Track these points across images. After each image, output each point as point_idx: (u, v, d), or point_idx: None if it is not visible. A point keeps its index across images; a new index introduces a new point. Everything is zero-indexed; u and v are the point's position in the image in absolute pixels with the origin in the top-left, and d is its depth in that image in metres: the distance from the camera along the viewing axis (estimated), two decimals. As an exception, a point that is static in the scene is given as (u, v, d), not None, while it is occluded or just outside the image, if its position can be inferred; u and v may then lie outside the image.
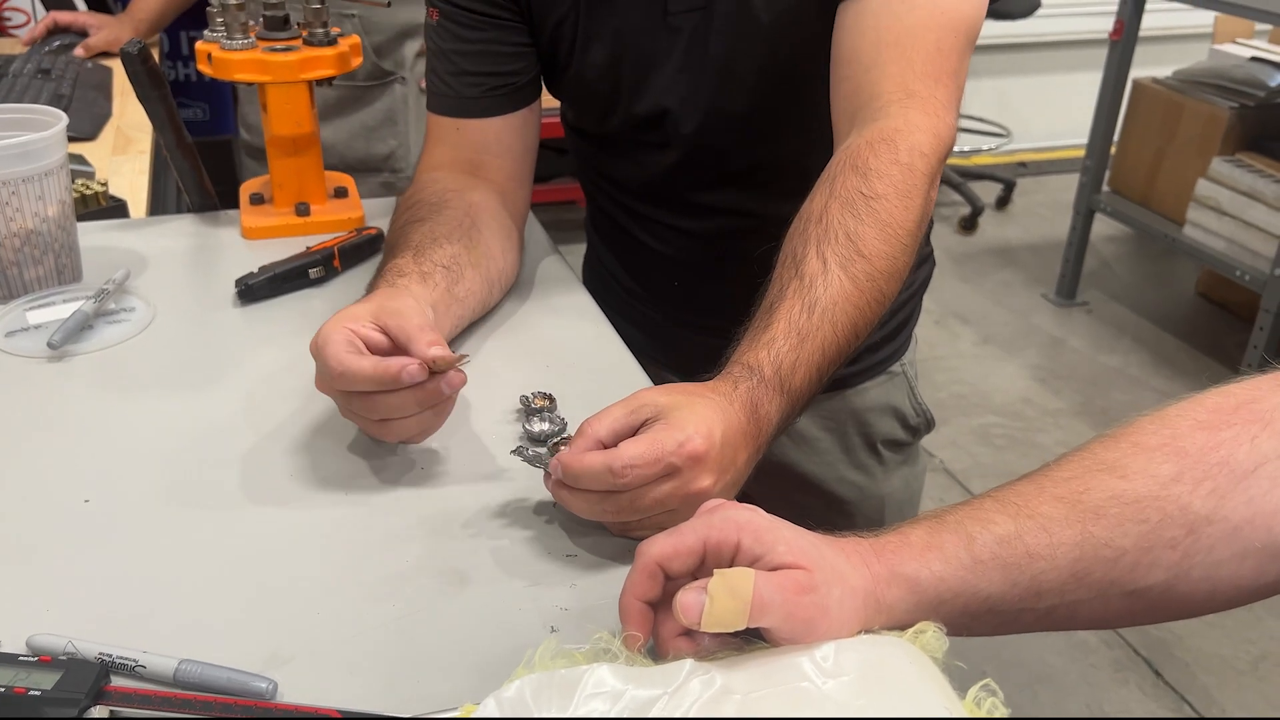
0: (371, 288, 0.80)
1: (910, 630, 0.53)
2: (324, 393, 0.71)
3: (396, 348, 0.69)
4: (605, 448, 0.62)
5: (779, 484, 1.08)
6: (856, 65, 0.80)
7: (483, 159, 0.95)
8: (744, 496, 0.65)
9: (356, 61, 1.04)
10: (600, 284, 1.09)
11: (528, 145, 0.98)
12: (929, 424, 1.14)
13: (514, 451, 0.68)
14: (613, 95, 0.94)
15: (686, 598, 0.50)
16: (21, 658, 0.55)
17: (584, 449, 0.62)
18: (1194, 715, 1.79)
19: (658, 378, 0.84)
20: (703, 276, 1.03)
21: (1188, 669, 1.88)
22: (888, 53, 0.78)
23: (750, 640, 0.53)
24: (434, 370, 0.66)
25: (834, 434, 1.08)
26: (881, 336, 1.06)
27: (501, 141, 0.95)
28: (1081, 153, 3.02)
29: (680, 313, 1.07)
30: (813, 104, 0.86)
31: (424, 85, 1.73)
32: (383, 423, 0.69)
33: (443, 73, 0.94)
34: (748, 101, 0.91)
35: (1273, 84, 2.75)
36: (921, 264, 1.08)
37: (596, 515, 0.63)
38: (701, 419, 0.62)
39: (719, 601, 0.50)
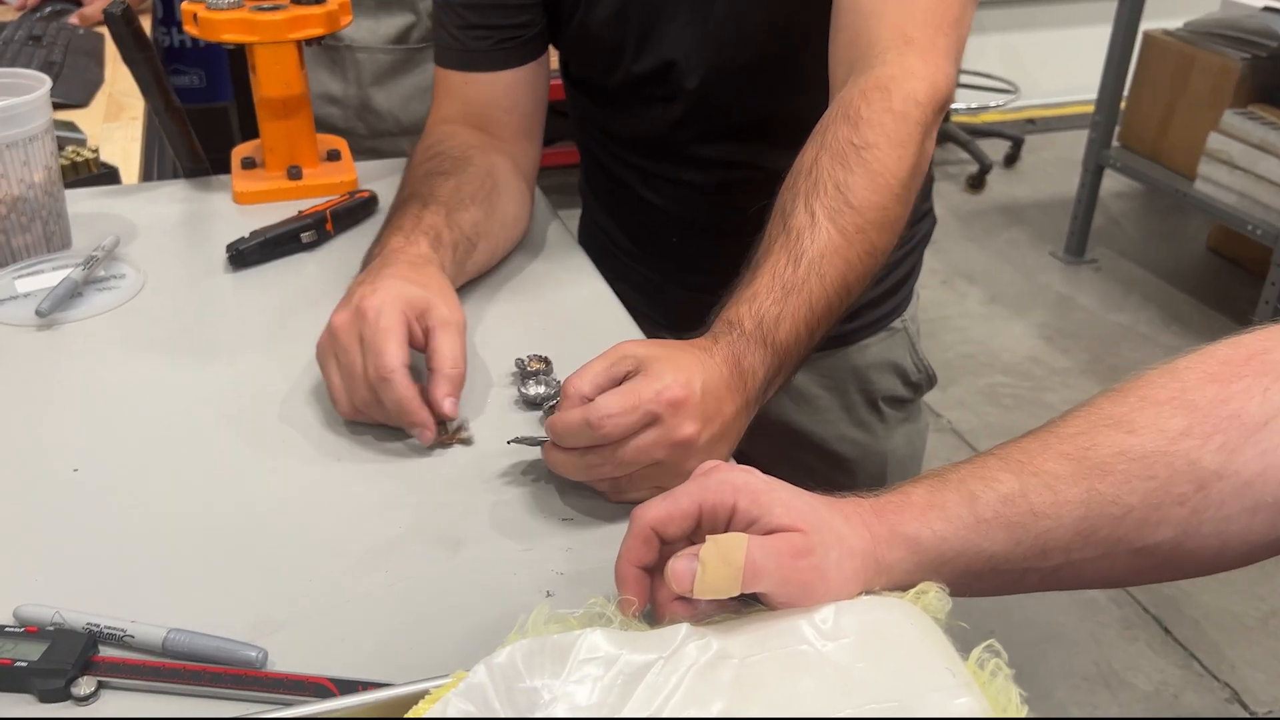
0: (390, 229, 0.81)
1: (912, 591, 0.52)
2: (332, 346, 0.70)
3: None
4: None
5: (780, 442, 1.07)
6: (855, 13, 0.78)
7: (491, 114, 0.94)
8: (744, 456, 0.64)
9: (346, 20, 1.02)
10: (596, 246, 1.07)
11: (537, 100, 0.96)
12: (930, 380, 1.12)
13: (511, 441, 0.68)
14: (618, 48, 0.92)
15: (678, 565, 0.49)
16: (8, 628, 0.54)
17: (569, 408, 0.61)
18: (1203, 672, 1.78)
19: (655, 338, 0.83)
20: (702, 232, 1.01)
21: (1197, 626, 1.87)
22: (887, 0, 0.76)
23: (749, 604, 0.52)
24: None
25: (834, 392, 1.07)
26: (881, 292, 1.04)
27: (510, 96, 0.94)
28: (1091, 108, 2.97)
29: (679, 271, 1.05)
30: (818, 59, 0.84)
31: None
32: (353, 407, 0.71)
33: (450, 26, 0.93)
34: (753, 56, 0.89)
35: (1286, 34, 2.70)
36: (921, 219, 1.06)
37: (583, 474, 0.63)
38: (679, 368, 0.61)
39: (711, 568, 0.48)
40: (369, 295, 0.70)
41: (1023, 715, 0.47)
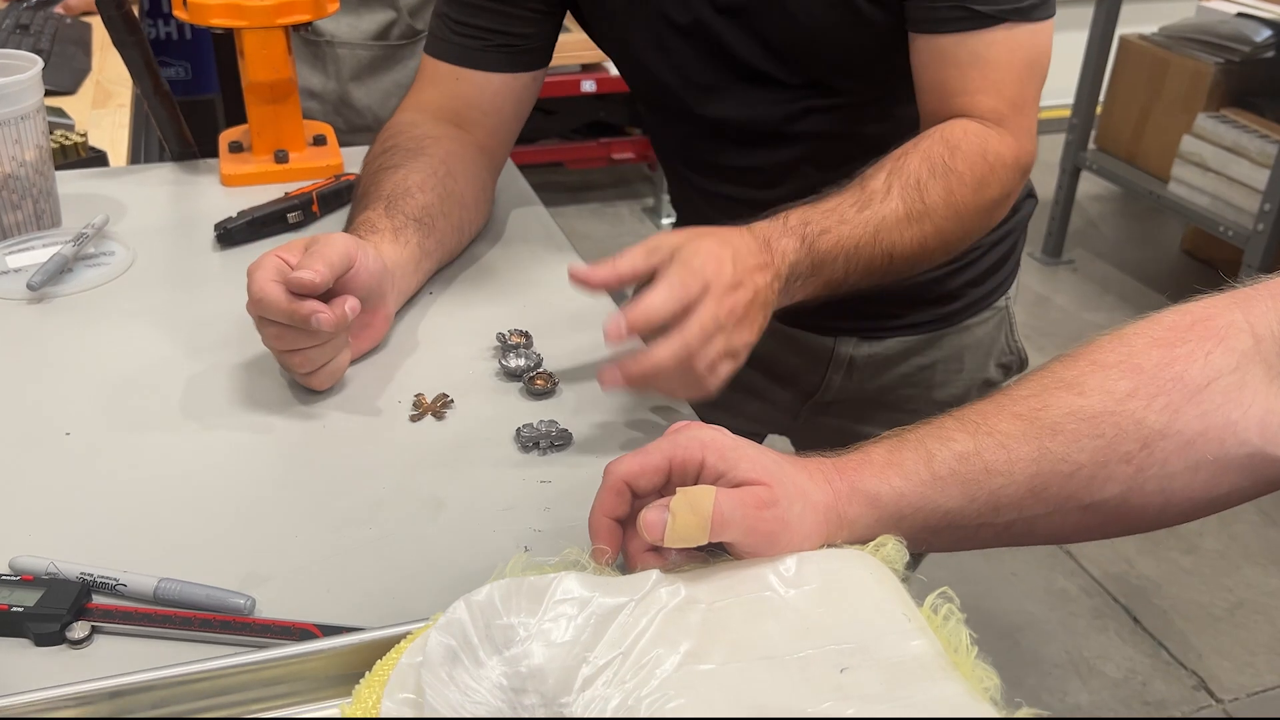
0: None
1: (871, 543, 0.55)
2: (249, 314, 0.71)
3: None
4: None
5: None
6: (944, 91, 0.82)
7: (470, 114, 0.94)
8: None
9: (333, 7, 1.04)
10: None
11: (519, 110, 0.97)
12: (1022, 364, 1.10)
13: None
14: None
15: (650, 515, 0.52)
16: (4, 577, 0.56)
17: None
18: (1171, 660, 1.82)
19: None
20: None
21: (1165, 615, 1.91)
22: (976, 83, 0.81)
23: (716, 555, 0.54)
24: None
25: (919, 386, 1.05)
26: (985, 269, 1.02)
27: (494, 101, 0.94)
28: (1068, 113, 3.01)
29: None
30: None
31: None
32: (287, 354, 0.72)
33: (451, 20, 0.92)
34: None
35: (1258, 39, 2.75)
36: (1024, 199, 1.06)
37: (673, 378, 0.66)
38: (707, 250, 0.66)
39: (680, 518, 0.51)
40: None
41: (973, 655, 0.49)
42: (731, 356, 0.67)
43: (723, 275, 0.66)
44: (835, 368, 1.04)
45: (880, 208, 0.74)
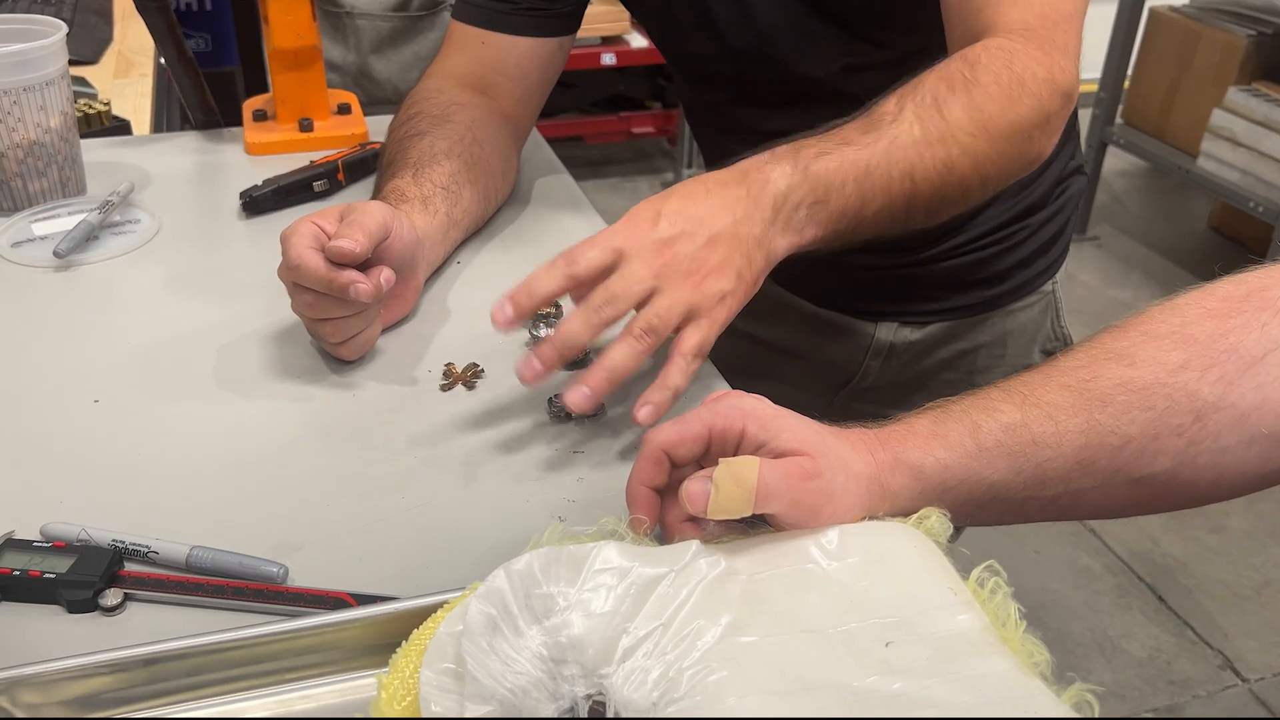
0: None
1: (914, 516, 0.54)
2: (282, 280, 0.70)
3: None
4: None
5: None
6: (969, 8, 0.74)
7: (495, 79, 0.93)
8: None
9: (358, -28, 1.02)
10: None
11: (544, 78, 0.95)
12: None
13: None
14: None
15: (692, 486, 0.51)
16: (36, 544, 0.55)
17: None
18: (1196, 639, 1.80)
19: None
20: None
21: (1191, 595, 1.89)
22: None
23: (755, 526, 0.53)
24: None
25: (957, 370, 1.00)
26: (1033, 250, 0.98)
27: (520, 66, 0.93)
28: (1095, 86, 2.97)
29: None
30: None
31: None
32: (319, 323, 0.70)
33: None
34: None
35: (1292, 11, 2.70)
36: (1071, 175, 1.00)
37: (591, 325, 0.62)
38: (631, 215, 0.62)
39: (724, 489, 0.50)
40: None
41: (1021, 630, 0.48)
42: (693, 316, 0.61)
43: (639, 237, 0.61)
44: (874, 354, 1.01)
45: (891, 129, 0.66)
